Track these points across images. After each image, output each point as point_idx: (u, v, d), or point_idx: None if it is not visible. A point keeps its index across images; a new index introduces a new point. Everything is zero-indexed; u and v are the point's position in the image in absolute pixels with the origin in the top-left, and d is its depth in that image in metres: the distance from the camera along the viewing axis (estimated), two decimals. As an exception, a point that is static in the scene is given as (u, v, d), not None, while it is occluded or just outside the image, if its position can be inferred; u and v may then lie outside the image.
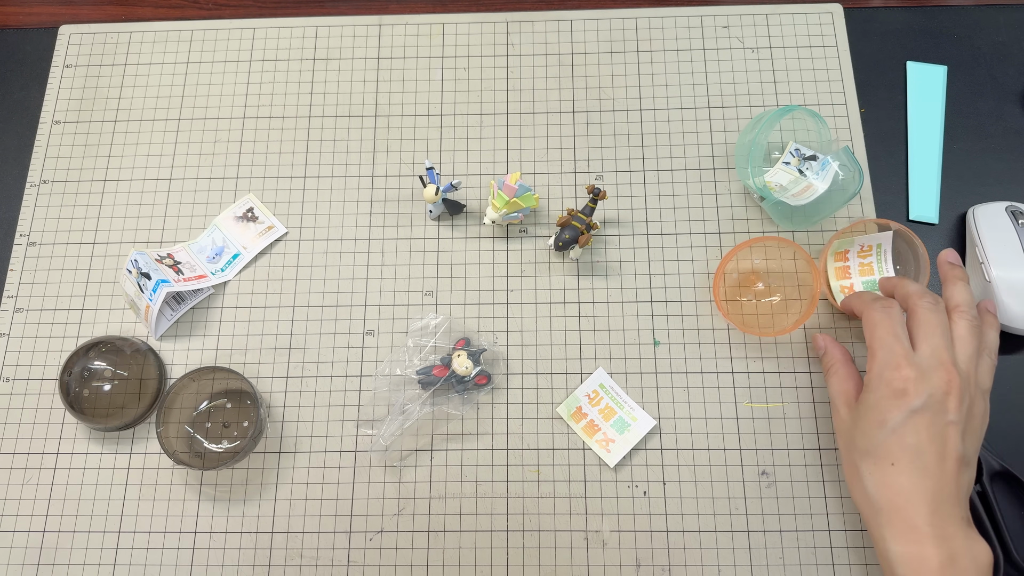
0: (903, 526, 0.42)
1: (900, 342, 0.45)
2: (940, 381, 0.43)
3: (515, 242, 0.58)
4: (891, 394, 0.44)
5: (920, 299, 0.47)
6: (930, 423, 0.43)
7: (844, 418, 0.48)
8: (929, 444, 0.43)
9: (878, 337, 0.46)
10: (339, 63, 0.64)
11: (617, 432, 0.53)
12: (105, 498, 0.53)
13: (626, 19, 0.64)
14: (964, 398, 0.44)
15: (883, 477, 0.43)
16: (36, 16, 0.69)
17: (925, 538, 0.42)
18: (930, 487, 0.42)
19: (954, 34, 0.64)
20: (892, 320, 0.46)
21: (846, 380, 0.49)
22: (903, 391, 0.43)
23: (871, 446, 0.44)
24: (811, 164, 0.57)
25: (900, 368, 0.44)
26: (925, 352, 0.44)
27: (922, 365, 0.44)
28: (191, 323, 0.57)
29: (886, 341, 0.45)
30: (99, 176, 0.62)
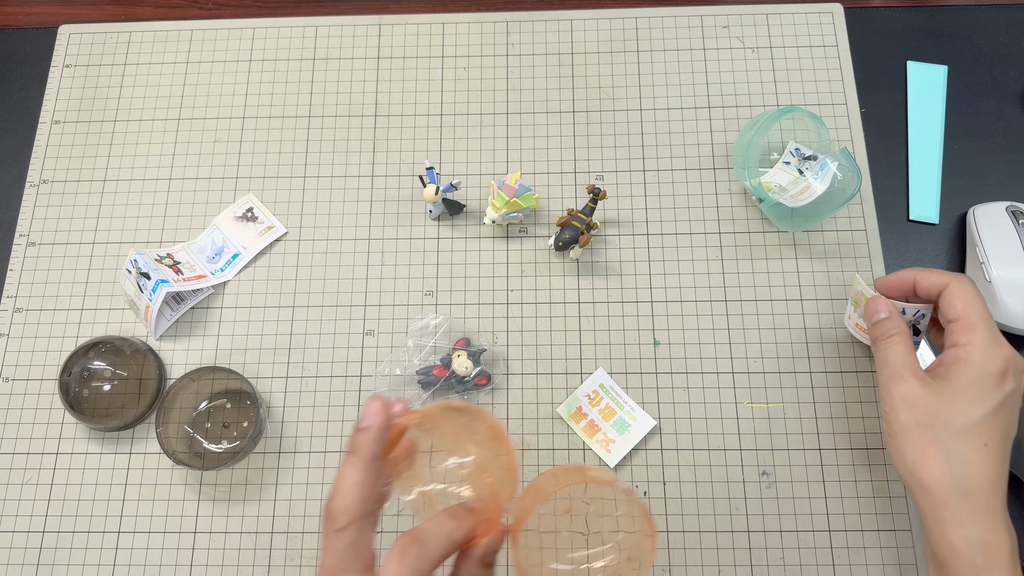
0: (985, 510, 0.41)
1: (993, 320, 0.44)
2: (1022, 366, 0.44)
3: (515, 242, 0.58)
4: (995, 372, 0.42)
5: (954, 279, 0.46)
6: (1016, 405, 0.43)
7: (918, 392, 0.44)
8: (1012, 428, 0.43)
9: (978, 310, 0.44)
10: (339, 63, 0.64)
11: (617, 432, 0.53)
12: (105, 498, 0.53)
13: (626, 19, 0.64)
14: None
15: (976, 458, 0.42)
16: (36, 16, 0.69)
17: (1000, 522, 0.42)
18: (1005, 470, 0.43)
19: (954, 34, 0.64)
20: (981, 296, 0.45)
21: (911, 351, 0.46)
22: (1004, 371, 0.43)
23: (968, 424, 0.42)
24: (810, 164, 0.57)
25: (1003, 346, 0.43)
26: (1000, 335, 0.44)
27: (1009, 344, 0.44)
28: (191, 323, 0.57)
29: (986, 316, 0.44)
30: (99, 176, 0.62)
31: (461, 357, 0.53)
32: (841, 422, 0.53)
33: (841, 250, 0.57)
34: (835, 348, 0.55)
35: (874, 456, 0.52)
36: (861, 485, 0.52)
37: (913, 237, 0.58)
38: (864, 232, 0.57)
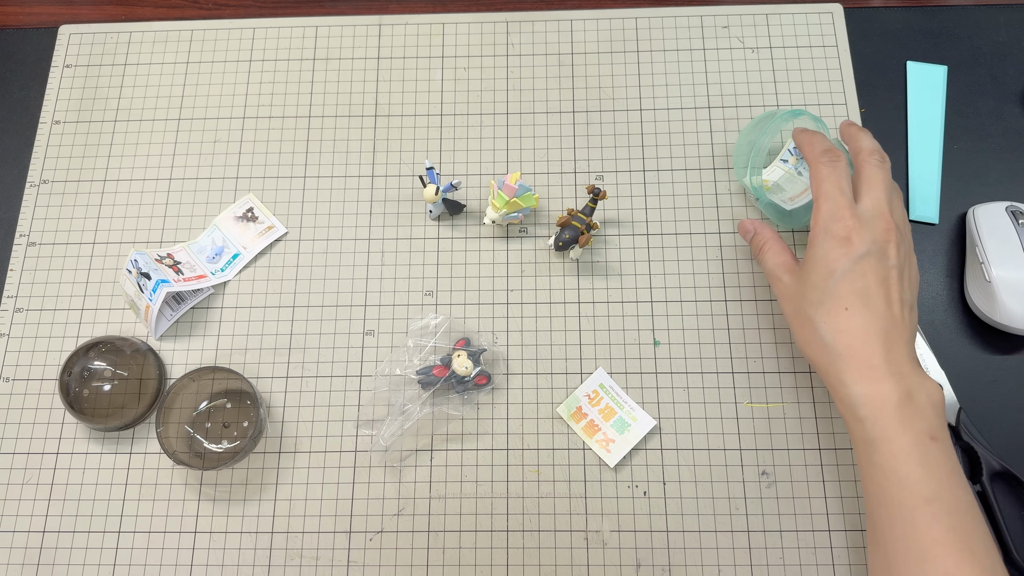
0: (861, 367, 0.44)
1: (844, 195, 0.47)
2: (880, 230, 0.45)
3: (515, 242, 0.58)
4: (837, 243, 0.45)
5: (870, 156, 0.48)
6: (875, 267, 0.45)
7: (788, 284, 0.49)
8: (877, 287, 0.45)
9: (823, 192, 0.47)
10: (339, 63, 0.64)
11: (617, 432, 0.53)
12: (105, 498, 0.53)
13: (626, 19, 0.64)
14: (902, 247, 0.46)
15: (838, 323, 0.45)
16: (36, 16, 0.69)
17: (883, 376, 0.43)
18: (882, 327, 0.44)
19: (954, 34, 0.64)
20: (838, 174, 0.47)
21: (782, 252, 0.50)
22: (847, 239, 0.45)
23: (823, 296, 0.46)
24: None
25: (844, 219, 0.46)
26: (867, 205, 0.46)
27: (864, 216, 0.46)
28: (191, 323, 0.57)
29: (831, 194, 0.47)
30: (99, 176, 0.62)
31: (461, 357, 0.53)
32: (841, 422, 0.53)
33: (841, 250, 0.57)
34: (835, 348, 0.55)
35: (874, 456, 0.52)
36: (861, 485, 0.52)
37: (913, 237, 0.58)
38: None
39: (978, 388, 0.54)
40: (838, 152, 0.49)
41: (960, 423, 0.52)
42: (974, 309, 0.55)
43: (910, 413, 0.42)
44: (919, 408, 0.43)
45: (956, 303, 0.57)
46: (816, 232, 0.47)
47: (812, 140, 0.51)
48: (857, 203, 0.47)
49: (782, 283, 0.49)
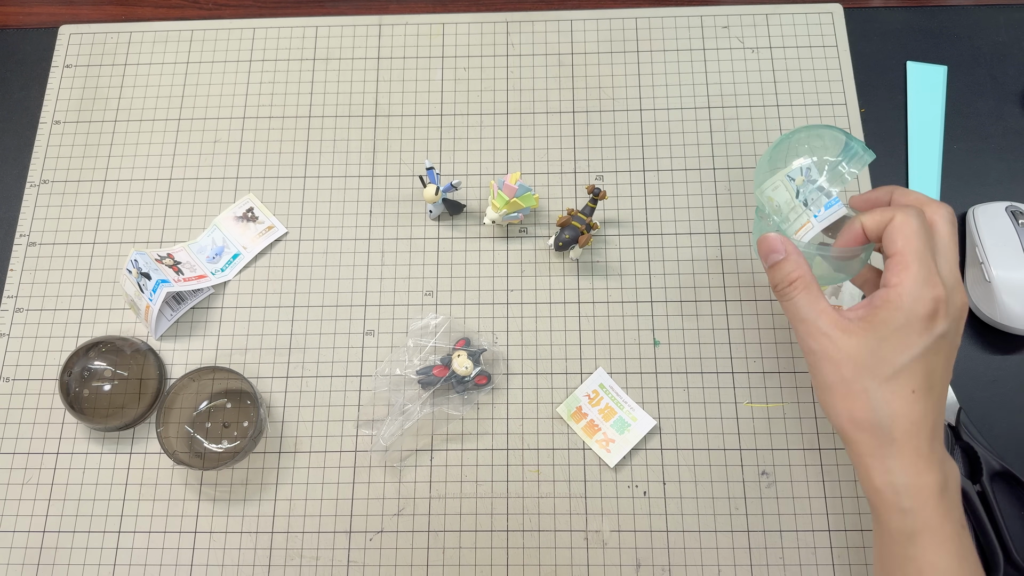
0: (913, 456, 0.40)
1: (932, 258, 0.41)
2: (959, 303, 0.41)
3: (515, 242, 0.58)
4: (924, 315, 0.39)
5: (939, 209, 0.42)
6: (948, 348, 0.41)
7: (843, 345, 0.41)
8: (943, 370, 0.41)
9: (915, 249, 0.40)
10: (339, 63, 0.64)
11: (617, 432, 0.53)
12: (105, 498, 0.53)
13: (626, 19, 0.64)
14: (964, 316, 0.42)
15: (901, 405, 0.40)
16: (36, 16, 0.69)
17: (930, 466, 0.40)
18: (936, 414, 0.41)
19: (954, 34, 0.64)
20: (927, 232, 0.41)
21: (819, 295, 0.42)
22: (934, 313, 0.40)
23: (894, 371, 0.40)
24: (817, 196, 0.48)
25: (935, 287, 0.40)
26: (945, 270, 0.41)
27: (947, 285, 0.40)
28: (191, 323, 0.57)
29: (923, 255, 0.40)
30: (99, 176, 0.62)
31: (461, 357, 0.53)
32: (841, 422, 0.53)
33: (841, 250, 0.57)
34: (835, 348, 0.55)
35: (874, 456, 0.52)
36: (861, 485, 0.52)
37: (913, 237, 0.58)
38: (864, 232, 0.57)
39: (978, 388, 0.54)
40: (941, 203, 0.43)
41: (960, 423, 0.52)
42: (974, 309, 0.55)
43: (947, 502, 0.40)
44: (952, 495, 0.40)
45: (956, 303, 0.57)
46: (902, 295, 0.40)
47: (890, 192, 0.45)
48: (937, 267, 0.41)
49: (827, 340, 0.41)
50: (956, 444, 0.52)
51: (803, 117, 0.61)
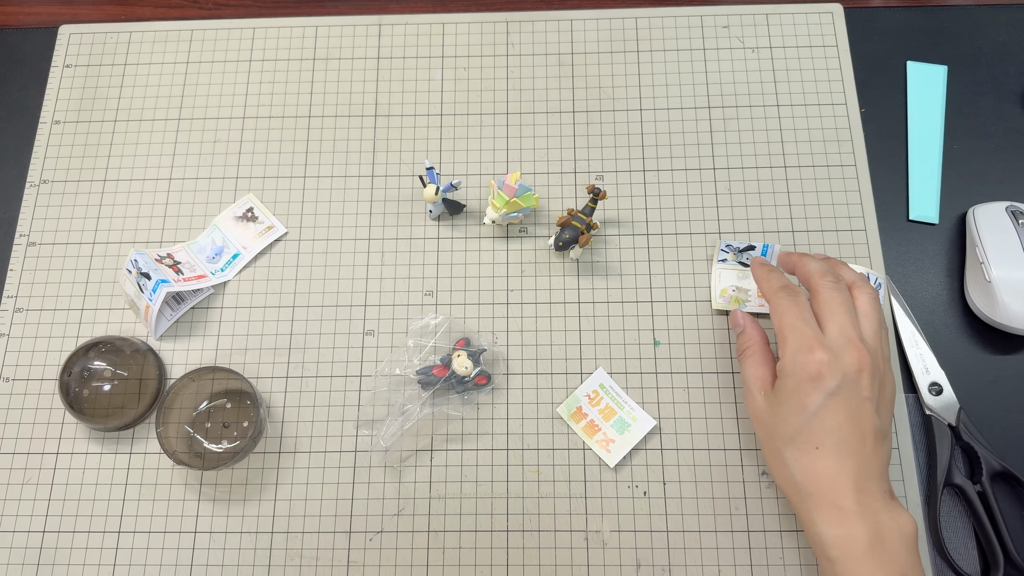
0: (831, 509, 0.42)
1: (809, 325, 0.45)
2: (852, 360, 0.43)
3: (515, 242, 0.58)
4: (807, 379, 0.43)
5: (822, 278, 0.47)
6: (847, 403, 0.43)
7: (761, 406, 0.47)
8: (848, 424, 0.43)
9: (787, 324, 0.45)
10: (339, 63, 0.64)
11: (617, 432, 0.53)
12: (105, 498, 0.53)
13: (626, 19, 0.64)
14: (875, 374, 0.44)
15: (808, 463, 0.44)
16: (36, 16, 0.69)
17: (853, 517, 0.42)
18: (853, 466, 0.43)
19: (954, 34, 0.64)
20: (799, 305, 0.46)
21: (762, 364, 0.48)
22: (818, 374, 0.43)
23: (794, 432, 0.44)
24: (750, 254, 0.56)
25: (813, 351, 0.44)
26: (833, 332, 0.44)
27: (833, 346, 0.44)
28: (191, 323, 0.57)
29: (796, 326, 0.45)
30: (99, 176, 0.62)
31: (461, 357, 0.53)
32: (841, 422, 0.53)
33: (841, 250, 0.57)
34: (835, 348, 0.55)
35: (874, 456, 0.52)
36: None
37: (913, 237, 0.58)
38: (864, 232, 0.57)
39: (978, 388, 0.54)
40: (796, 287, 0.47)
41: (960, 423, 0.52)
42: (974, 309, 0.55)
43: (880, 555, 0.41)
44: (890, 548, 0.41)
45: (956, 303, 0.57)
46: (785, 364, 0.45)
47: (769, 276, 0.49)
48: (823, 331, 0.45)
49: (755, 402, 0.47)
50: (956, 444, 0.52)
51: (803, 117, 0.61)
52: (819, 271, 0.47)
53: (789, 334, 0.45)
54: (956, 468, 0.51)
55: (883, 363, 0.46)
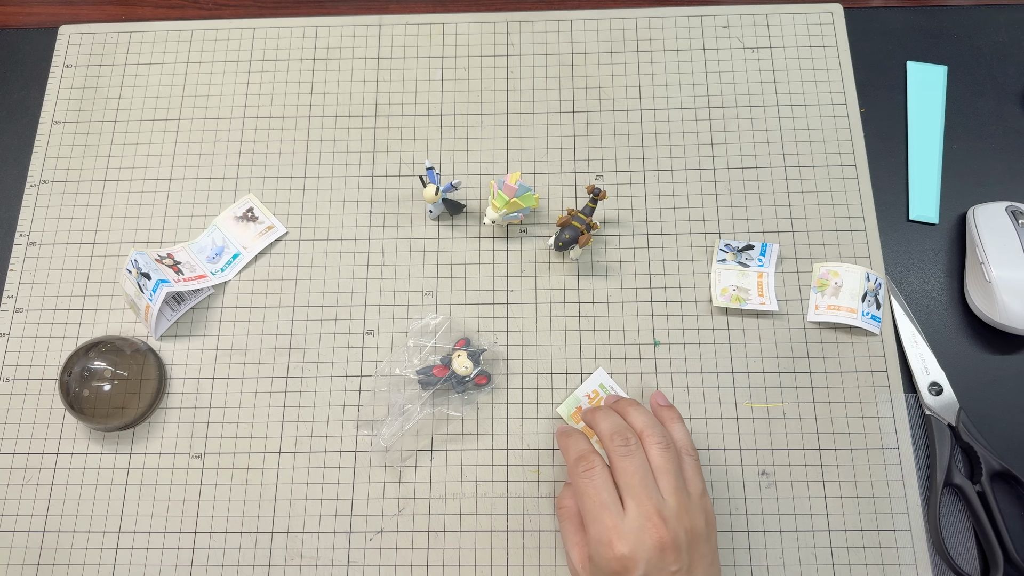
0: None
1: (607, 511, 0.43)
2: (652, 542, 0.42)
3: (515, 242, 0.58)
4: (612, 574, 0.42)
5: (611, 442, 0.45)
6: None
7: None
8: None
9: (587, 510, 0.44)
10: (339, 63, 0.64)
11: None
12: (105, 498, 0.53)
13: (626, 19, 0.64)
14: (680, 545, 0.43)
15: None
16: (36, 16, 0.69)
17: None
18: None
19: (954, 34, 0.64)
20: (596, 486, 0.44)
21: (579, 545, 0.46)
22: (623, 569, 0.42)
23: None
24: (749, 254, 0.56)
25: (612, 545, 0.42)
26: (632, 511, 0.43)
27: (631, 531, 0.42)
28: (191, 323, 0.57)
29: (594, 514, 0.44)
30: (99, 176, 0.62)
31: (461, 357, 0.53)
32: (841, 422, 0.53)
33: (841, 250, 0.57)
34: (835, 348, 0.55)
35: (874, 456, 0.52)
36: (861, 485, 0.52)
37: (913, 237, 0.58)
38: (864, 232, 0.57)
39: (978, 388, 0.54)
40: (593, 459, 0.46)
41: (960, 423, 0.52)
42: (974, 309, 0.55)
43: None
44: None
45: (956, 303, 0.57)
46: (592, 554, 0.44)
47: (567, 445, 0.48)
48: (624, 509, 0.43)
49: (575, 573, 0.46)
50: (956, 444, 0.52)
51: (803, 117, 0.61)
52: (607, 433, 0.46)
53: (590, 523, 0.44)
54: (956, 468, 0.51)
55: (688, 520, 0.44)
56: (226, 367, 0.56)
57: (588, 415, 0.49)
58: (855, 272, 0.55)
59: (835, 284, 0.55)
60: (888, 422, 0.53)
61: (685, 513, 0.44)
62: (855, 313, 0.54)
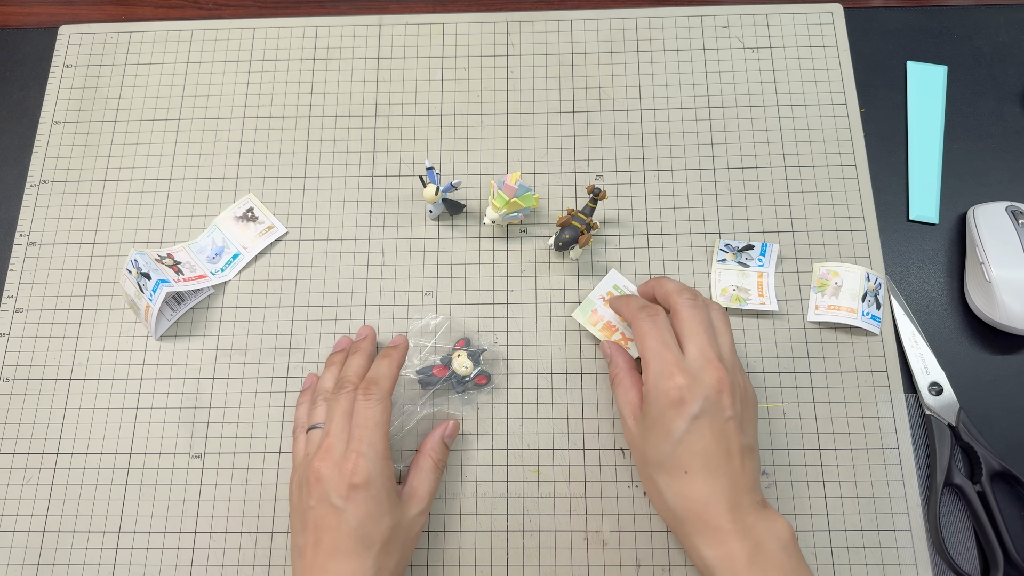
0: (708, 530, 0.43)
1: (669, 349, 0.45)
2: (712, 380, 0.44)
3: (515, 242, 0.58)
4: (669, 404, 0.44)
5: (679, 296, 0.47)
6: (711, 424, 0.44)
7: (633, 431, 0.47)
8: (715, 445, 0.44)
9: (648, 347, 0.46)
10: (339, 63, 0.64)
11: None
12: (105, 498, 0.53)
13: (626, 19, 0.64)
14: (735, 391, 0.45)
15: (680, 488, 0.44)
16: (36, 16, 0.69)
17: (731, 535, 0.43)
18: (724, 486, 0.43)
19: (954, 34, 0.64)
20: (659, 327, 0.46)
21: (630, 389, 0.48)
22: (680, 400, 0.44)
23: (663, 458, 0.45)
24: (749, 254, 0.56)
25: (673, 376, 0.44)
26: (693, 353, 0.45)
27: (692, 368, 0.45)
28: (191, 323, 0.57)
29: (656, 350, 0.46)
30: (99, 176, 0.62)
31: (461, 357, 0.53)
32: (841, 422, 0.53)
33: (841, 250, 0.57)
34: (835, 348, 0.55)
35: (874, 456, 0.52)
36: (861, 485, 0.52)
37: (913, 237, 0.58)
38: (864, 232, 0.57)
39: (978, 388, 0.54)
40: (655, 307, 0.48)
41: (960, 423, 0.52)
42: (974, 309, 0.55)
43: (762, 565, 0.42)
44: (770, 557, 0.42)
45: (956, 303, 0.57)
46: (648, 390, 0.45)
47: (628, 300, 0.51)
48: (684, 352, 0.45)
49: (627, 427, 0.48)
50: (956, 444, 0.52)
51: (803, 117, 0.61)
52: (676, 289, 0.48)
53: (651, 359, 0.46)
54: (956, 468, 0.51)
55: (742, 378, 0.47)
56: (226, 367, 0.56)
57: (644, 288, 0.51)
58: (855, 272, 0.55)
59: (835, 284, 0.55)
60: (888, 422, 0.53)
61: (740, 371, 0.46)
62: (855, 313, 0.54)
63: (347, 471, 0.44)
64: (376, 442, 0.45)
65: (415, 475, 0.49)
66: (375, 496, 0.44)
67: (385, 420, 0.47)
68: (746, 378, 0.47)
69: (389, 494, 0.45)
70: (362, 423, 0.46)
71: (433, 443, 0.51)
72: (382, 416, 0.46)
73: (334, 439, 0.46)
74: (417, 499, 0.48)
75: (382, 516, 0.45)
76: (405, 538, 0.46)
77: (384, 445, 0.46)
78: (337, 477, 0.44)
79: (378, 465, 0.45)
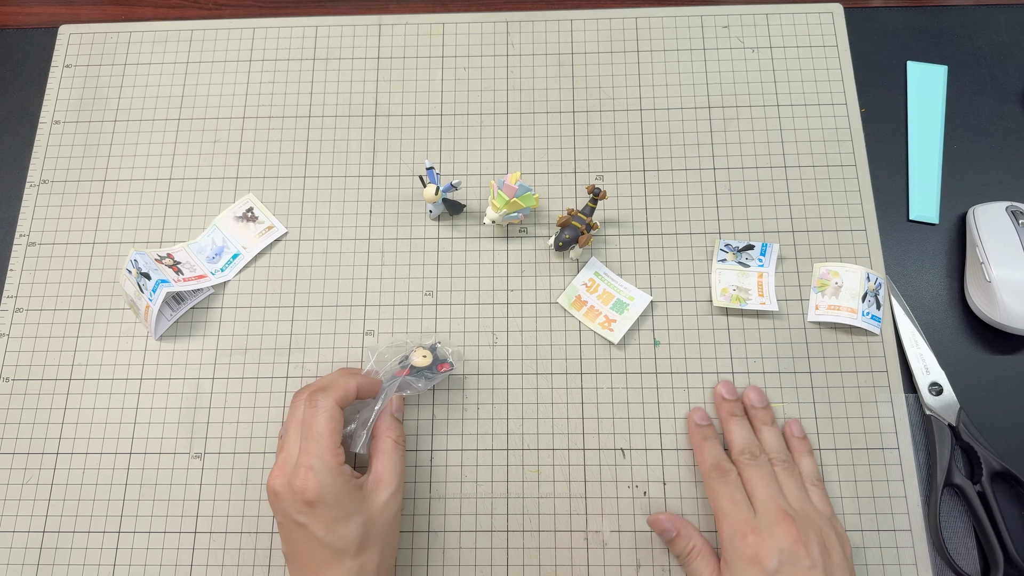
0: None
1: (740, 508, 0.47)
2: (783, 536, 0.45)
3: (515, 242, 0.58)
4: (747, 564, 0.45)
5: (739, 456, 0.50)
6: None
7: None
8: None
9: (720, 508, 0.48)
10: (339, 63, 0.64)
11: (617, 313, 0.55)
12: (105, 498, 0.53)
13: (626, 19, 0.64)
14: (812, 539, 0.45)
15: None
16: (36, 16, 0.69)
17: None
18: None
19: (954, 34, 0.64)
20: (730, 487, 0.48)
21: (710, 561, 0.48)
22: (756, 557, 0.45)
23: None
24: (749, 254, 0.56)
25: (745, 536, 0.46)
26: (761, 510, 0.47)
27: (761, 526, 0.46)
28: (191, 323, 0.57)
29: (727, 511, 0.47)
30: (99, 176, 0.62)
31: (417, 352, 0.52)
32: (841, 422, 0.53)
33: (841, 250, 0.57)
34: (835, 348, 0.55)
35: (874, 456, 0.52)
36: (861, 485, 0.52)
37: (913, 237, 0.58)
38: (864, 232, 0.57)
39: (978, 388, 0.54)
40: (727, 466, 0.49)
41: (960, 423, 0.52)
42: (974, 309, 0.55)
43: None
44: None
45: (956, 303, 0.57)
46: (724, 550, 0.47)
47: (703, 448, 0.51)
48: (754, 510, 0.47)
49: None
50: (956, 444, 0.52)
51: (803, 116, 0.61)
52: (739, 447, 0.50)
53: (723, 519, 0.47)
54: (956, 468, 0.51)
55: (822, 523, 0.47)
56: (226, 367, 0.56)
57: (725, 421, 0.52)
58: (855, 272, 0.55)
59: (835, 284, 0.55)
60: (888, 422, 0.53)
61: (811, 521, 0.47)
62: (855, 313, 0.54)
63: (298, 488, 0.44)
64: (323, 453, 0.45)
65: (378, 460, 0.48)
66: (332, 505, 0.44)
67: (332, 429, 0.46)
68: (832, 523, 0.48)
69: (349, 496, 0.45)
70: (308, 434, 0.46)
71: (386, 423, 0.50)
72: (326, 426, 0.46)
73: (287, 452, 0.46)
74: (385, 483, 0.47)
75: (348, 519, 0.44)
76: (382, 527, 0.46)
77: (332, 454, 0.45)
78: (291, 495, 0.44)
79: (327, 477, 0.44)
